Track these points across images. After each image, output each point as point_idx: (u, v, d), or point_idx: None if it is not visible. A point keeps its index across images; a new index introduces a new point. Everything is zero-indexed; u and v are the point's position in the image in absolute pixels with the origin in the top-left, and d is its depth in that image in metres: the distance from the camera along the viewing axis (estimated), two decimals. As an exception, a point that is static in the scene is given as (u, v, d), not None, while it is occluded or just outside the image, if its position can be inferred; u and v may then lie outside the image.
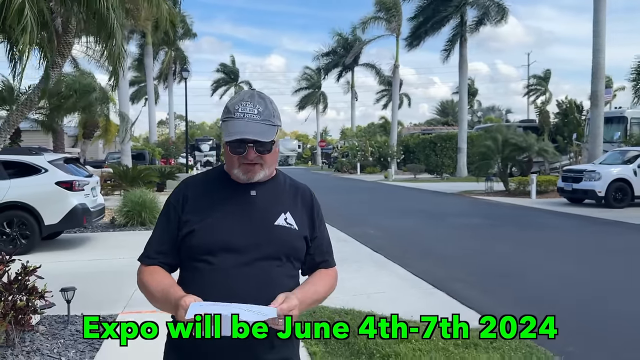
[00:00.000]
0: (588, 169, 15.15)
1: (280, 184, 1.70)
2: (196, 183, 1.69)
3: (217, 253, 1.54)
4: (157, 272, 1.60)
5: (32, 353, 3.91)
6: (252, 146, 1.55)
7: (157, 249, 1.63)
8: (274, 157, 1.63)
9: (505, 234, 10.42)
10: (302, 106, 59.45)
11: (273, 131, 1.58)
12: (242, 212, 1.60)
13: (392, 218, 12.80)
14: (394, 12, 34.78)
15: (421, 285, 6.15)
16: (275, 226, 1.60)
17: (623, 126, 23.42)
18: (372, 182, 28.05)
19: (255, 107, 1.57)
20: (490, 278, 6.73)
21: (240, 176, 1.60)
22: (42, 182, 8.63)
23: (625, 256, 8.20)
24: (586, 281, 6.61)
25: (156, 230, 1.66)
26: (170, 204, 1.65)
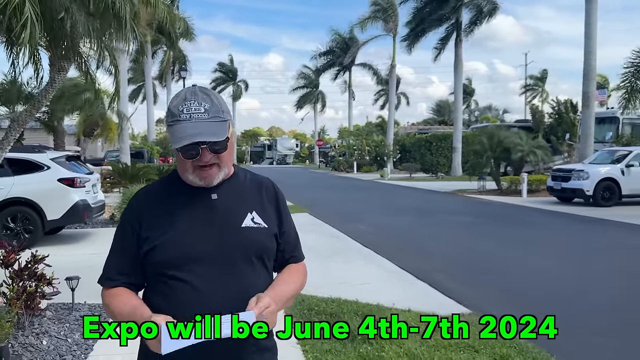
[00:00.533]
0: (577, 168, 15.52)
1: (241, 182, 1.59)
2: (151, 194, 1.58)
3: (184, 267, 1.44)
4: (120, 294, 1.49)
5: (41, 334, 4.24)
6: (205, 147, 1.44)
7: (118, 269, 1.52)
8: (231, 153, 1.52)
9: (492, 231, 10.77)
10: (300, 105, 59.77)
11: (225, 127, 1.46)
12: (205, 219, 1.49)
13: (384, 215, 13.15)
14: (391, 13, 35.12)
15: (405, 277, 6.50)
16: (243, 228, 1.51)
17: (615, 126, 23.76)
18: (368, 180, 28.40)
19: (200, 104, 1.44)
20: (472, 271, 7.08)
21: (197, 182, 1.49)
22: (44, 179, 8.95)
23: (605, 253, 8.55)
24: (565, 275, 6.95)
25: (114, 249, 1.55)
26: (126, 222, 1.54)
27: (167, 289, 1.46)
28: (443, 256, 8.12)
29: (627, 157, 15.23)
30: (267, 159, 64.55)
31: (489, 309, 5.06)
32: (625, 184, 14.85)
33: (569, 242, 9.67)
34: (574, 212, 13.48)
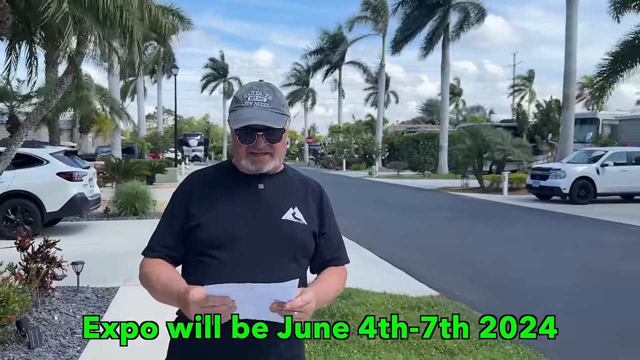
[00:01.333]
0: (554, 167, 16.18)
1: (289, 178, 1.66)
2: (203, 177, 1.65)
3: (223, 247, 1.50)
4: (159, 264, 1.56)
5: (52, 311, 4.72)
6: (261, 134, 1.52)
7: (161, 242, 1.59)
8: (284, 147, 1.59)
9: (469, 226, 11.37)
10: (290, 102, 60.23)
11: (282, 119, 1.54)
12: (249, 206, 1.56)
13: (369, 211, 13.70)
14: (380, 12, 35.70)
15: (384, 266, 7.05)
16: (283, 220, 1.56)
17: (595, 127, 24.52)
18: (356, 178, 28.97)
19: (264, 95, 1.54)
20: (446, 261, 7.65)
21: (248, 167, 1.57)
22: (44, 172, 9.37)
23: (572, 246, 9.16)
24: (529, 264, 7.54)
25: (161, 223, 1.63)
26: (177, 198, 1.62)
27: (204, 267, 1.51)
28: (421, 247, 8.69)
29: (602, 157, 15.91)
30: (257, 156, 64.81)
31: (455, 292, 5.63)
32: (600, 183, 15.53)
33: (540, 236, 10.27)
34: (550, 209, 14.13)
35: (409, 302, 5.15)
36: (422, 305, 5.07)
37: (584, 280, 6.60)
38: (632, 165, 15.93)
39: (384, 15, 35.22)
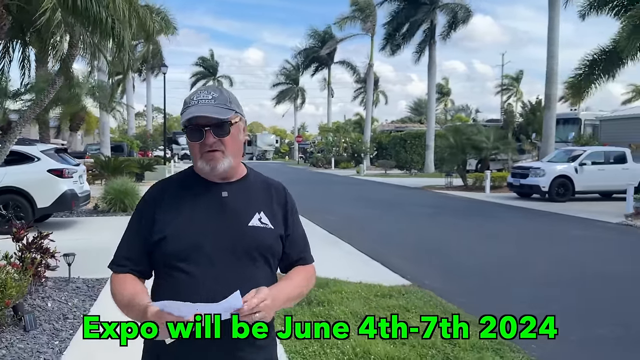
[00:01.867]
0: (534, 166, 16.64)
1: (252, 183, 1.65)
2: (166, 187, 1.64)
3: (191, 259, 1.49)
4: (125, 280, 1.55)
5: (46, 298, 5.02)
6: (209, 129, 1.52)
7: (126, 255, 1.58)
8: (235, 144, 1.58)
9: (448, 222, 11.77)
10: (280, 101, 60.43)
11: (229, 113, 1.54)
12: (215, 215, 1.55)
13: (354, 208, 14.06)
14: (369, 12, 36.07)
15: (362, 258, 7.41)
16: (250, 227, 1.56)
17: (577, 127, 25.07)
18: (344, 176, 29.35)
19: (209, 93, 1.56)
20: (422, 254, 8.03)
21: (204, 167, 1.56)
22: (35, 169, 9.61)
23: (545, 241, 9.58)
24: (500, 257, 7.93)
25: (125, 237, 1.62)
26: (140, 211, 1.61)
27: (172, 280, 1.50)
28: (400, 242, 9.06)
29: (581, 156, 16.39)
30: (247, 155, 65.08)
31: (425, 281, 6.00)
32: (579, 181, 16.01)
33: (515, 231, 10.69)
34: (529, 207, 14.58)
35: (382, 291, 5.51)
36: (393, 293, 5.44)
37: (549, 271, 6.99)
38: (610, 164, 16.45)
39: (371, 15, 35.61)
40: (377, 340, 4.04)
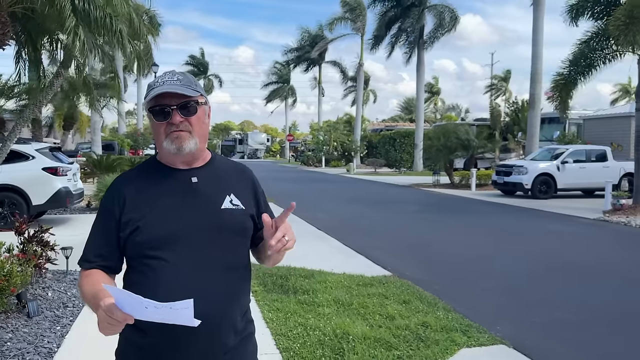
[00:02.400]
0: (517, 164, 17.10)
1: (218, 166, 1.66)
2: (131, 180, 1.61)
3: (165, 246, 1.49)
4: (92, 275, 1.52)
5: (46, 289, 5.32)
6: (175, 108, 1.52)
7: (95, 252, 1.56)
8: (201, 125, 1.58)
9: (432, 218, 12.16)
10: (270, 99, 60.70)
11: (195, 93, 1.54)
12: (186, 201, 1.54)
13: (342, 204, 14.42)
14: (359, 13, 36.44)
15: (347, 252, 7.77)
16: (223, 209, 1.56)
17: (562, 126, 25.62)
18: (334, 174, 29.70)
19: (174, 75, 1.56)
20: (404, 247, 8.41)
21: (169, 147, 1.53)
22: (30, 167, 9.86)
23: (519, 234, 9.99)
24: (478, 249, 8.31)
25: (92, 233, 1.59)
26: (106, 207, 1.58)
27: (148, 269, 1.50)
28: (385, 237, 9.43)
29: (563, 154, 16.86)
30: (239, 153, 65.30)
31: (406, 272, 6.37)
32: (561, 179, 16.49)
33: (495, 226, 11.09)
34: (512, 203, 15.02)
35: (363, 280, 5.88)
36: (374, 282, 5.80)
37: (522, 263, 7.38)
38: (591, 162, 16.93)
39: (361, 15, 35.98)
40: (355, 322, 4.39)
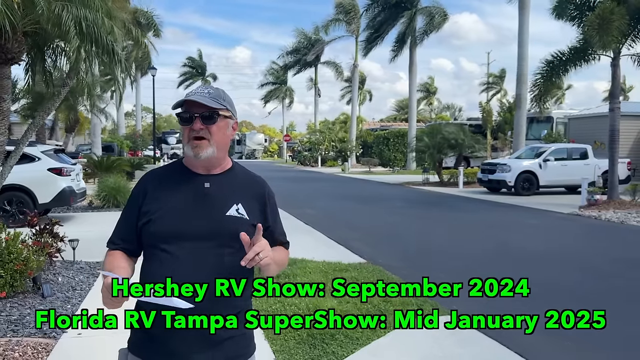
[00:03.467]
0: (501, 162, 17.81)
1: (235, 176, 1.80)
2: (156, 176, 1.81)
3: (172, 240, 1.65)
4: (115, 255, 1.74)
5: (57, 275, 6.01)
6: (198, 116, 1.68)
7: (119, 235, 1.78)
8: (221, 136, 1.72)
9: (416, 213, 12.86)
10: (268, 100, 61.39)
11: (218, 104, 1.70)
12: (196, 203, 1.70)
13: (331, 202, 15.11)
14: (353, 15, 37.14)
15: (329, 243, 8.46)
16: (227, 216, 1.70)
17: (549, 125, 26.32)
18: (329, 174, 30.39)
19: (205, 89, 1.73)
20: (383, 239, 9.11)
21: (189, 153, 1.71)
22: (36, 168, 10.53)
23: (494, 226, 10.68)
24: (451, 240, 9.00)
25: (120, 218, 1.82)
26: (133, 196, 1.80)
27: (155, 259, 1.68)
28: (367, 230, 10.13)
29: (545, 152, 17.56)
30: (237, 153, 65.92)
31: (379, 260, 7.06)
32: (543, 176, 17.19)
33: (473, 220, 11.78)
34: (495, 200, 15.71)
35: (340, 267, 6.57)
36: (349, 268, 6.49)
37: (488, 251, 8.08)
38: (572, 160, 17.63)
39: (355, 17, 36.67)
40: (326, 298, 5.08)
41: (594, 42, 12.12)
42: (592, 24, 12.18)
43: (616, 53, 13.53)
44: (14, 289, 5.06)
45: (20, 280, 5.04)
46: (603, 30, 11.47)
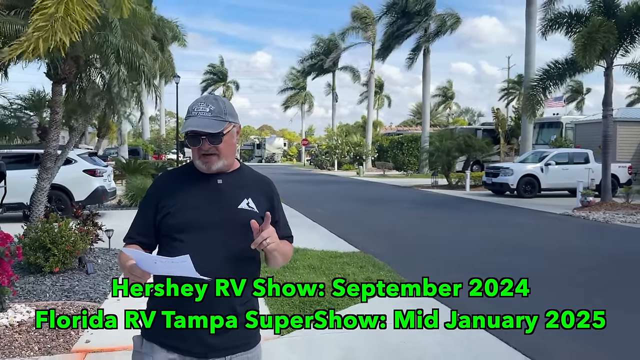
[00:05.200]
0: (504, 166, 18.64)
1: (244, 175, 1.97)
2: (171, 177, 1.98)
3: (188, 231, 1.82)
4: (133, 248, 1.87)
5: (96, 257, 7.19)
6: (204, 138, 1.82)
7: (136, 230, 1.95)
8: (228, 148, 1.88)
9: (419, 213, 13.82)
10: (287, 106, 62.75)
11: (222, 125, 1.83)
12: (211, 198, 1.88)
13: (341, 203, 16.15)
14: (368, 22, 38.23)
15: (331, 237, 9.52)
16: (239, 209, 1.87)
17: (559, 130, 26.94)
18: (344, 177, 31.43)
19: (207, 106, 1.84)
20: (380, 234, 10.13)
21: (201, 166, 1.87)
22: (73, 169, 11.82)
23: (488, 226, 11.59)
24: (444, 236, 9.96)
25: (137, 215, 1.97)
26: (149, 195, 1.96)
27: (172, 248, 1.84)
28: (367, 227, 11.15)
29: (547, 157, 18.33)
30: (256, 157, 67.41)
31: (372, 250, 8.09)
32: (544, 180, 17.96)
33: (471, 219, 12.69)
34: (496, 201, 16.57)
35: (335, 254, 7.62)
36: (343, 256, 7.55)
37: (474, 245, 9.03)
38: (574, 164, 18.35)
39: (371, 25, 37.74)
40: (319, 277, 6.15)
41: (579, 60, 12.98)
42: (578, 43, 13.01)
43: (609, 63, 14.31)
44: (65, 266, 6.25)
45: (70, 259, 6.21)
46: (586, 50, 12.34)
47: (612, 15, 13.51)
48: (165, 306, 1.83)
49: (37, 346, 4.19)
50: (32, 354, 4.07)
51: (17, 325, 4.49)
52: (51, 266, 6.08)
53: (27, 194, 11.51)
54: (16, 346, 4.17)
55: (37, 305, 5.04)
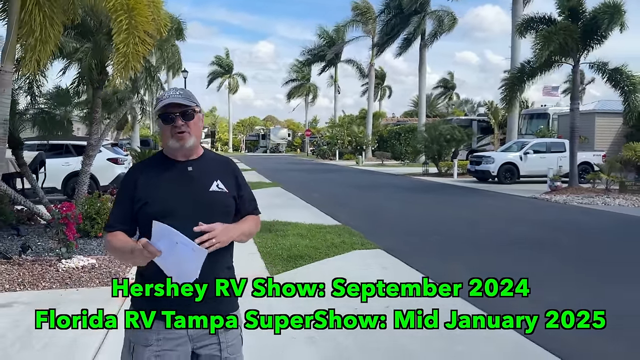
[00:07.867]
0: (486, 154, 20.27)
1: (208, 159, 2.18)
2: (143, 167, 2.17)
3: (166, 218, 1.95)
4: (119, 235, 2.07)
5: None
6: (178, 115, 2.04)
7: (116, 220, 2.11)
8: (196, 128, 2.10)
9: (403, 196, 15.51)
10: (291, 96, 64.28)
11: (192, 103, 2.08)
12: (183, 184, 2.07)
13: (336, 188, 17.86)
14: (369, 16, 39.67)
15: (320, 214, 11.23)
16: (211, 192, 2.09)
17: (546, 121, 28.42)
18: (343, 166, 33.11)
19: (177, 91, 2.12)
20: (363, 212, 11.85)
21: (174, 145, 2.07)
22: (98, 158, 13.39)
23: (460, 207, 13.26)
24: (419, 214, 11.64)
25: (114, 206, 2.16)
26: (125, 186, 2.15)
27: None
28: (355, 207, 12.86)
29: (526, 146, 19.92)
30: (261, 148, 69.12)
31: (352, 224, 9.79)
32: (523, 167, 19.58)
33: (446, 201, 14.35)
34: (477, 187, 18.22)
35: (321, 227, 9.34)
36: (326, 227, 9.27)
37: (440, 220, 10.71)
38: (550, 153, 19.93)
39: (371, 19, 39.20)
40: (304, 241, 7.88)
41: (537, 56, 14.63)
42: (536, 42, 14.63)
43: (576, 61, 15.87)
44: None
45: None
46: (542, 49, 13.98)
47: (578, 19, 15.04)
48: (151, 279, 2.02)
49: (97, 281, 5.95)
50: (95, 285, 5.83)
51: (80, 268, 6.25)
52: (96, 232, 7.82)
53: (59, 178, 13.37)
54: (83, 280, 5.93)
55: (91, 258, 6.79)
